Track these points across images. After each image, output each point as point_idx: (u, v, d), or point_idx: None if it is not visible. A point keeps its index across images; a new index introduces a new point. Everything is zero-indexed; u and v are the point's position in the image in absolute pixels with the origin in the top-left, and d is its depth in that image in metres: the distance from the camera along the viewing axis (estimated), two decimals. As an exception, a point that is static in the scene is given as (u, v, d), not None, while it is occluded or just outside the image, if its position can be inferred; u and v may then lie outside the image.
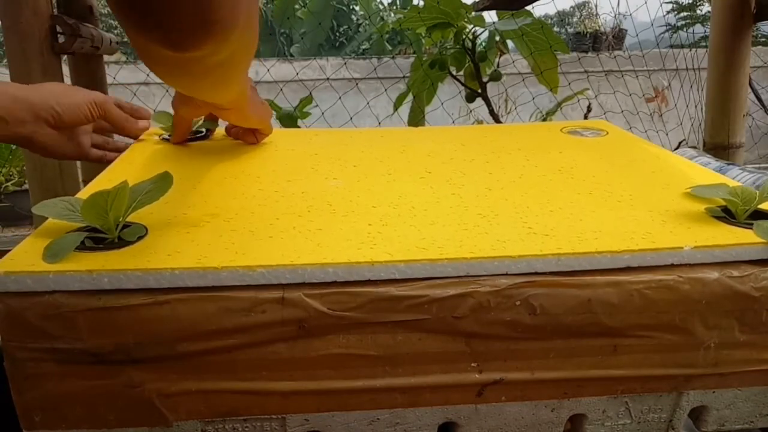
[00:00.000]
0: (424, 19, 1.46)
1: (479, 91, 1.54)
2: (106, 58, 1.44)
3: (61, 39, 1.03)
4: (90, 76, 1.37)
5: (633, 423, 0.52)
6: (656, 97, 4.33)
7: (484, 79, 1.53)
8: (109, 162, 0.71)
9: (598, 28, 5.03)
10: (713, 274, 0.49)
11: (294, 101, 1.75)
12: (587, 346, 0.49)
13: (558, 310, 0.47)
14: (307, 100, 1.66)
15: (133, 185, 0.52)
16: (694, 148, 1.24)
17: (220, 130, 0.85)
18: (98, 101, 0.78)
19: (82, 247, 0.46)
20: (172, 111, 0.79)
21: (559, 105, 1.79)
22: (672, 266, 0.49)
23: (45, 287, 0.43)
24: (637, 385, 0.51)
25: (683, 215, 0.55)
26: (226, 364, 0.46)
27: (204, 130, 0.83)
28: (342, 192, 0.61)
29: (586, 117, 2.06)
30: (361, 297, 0.45)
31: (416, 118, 1.64)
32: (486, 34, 1.55)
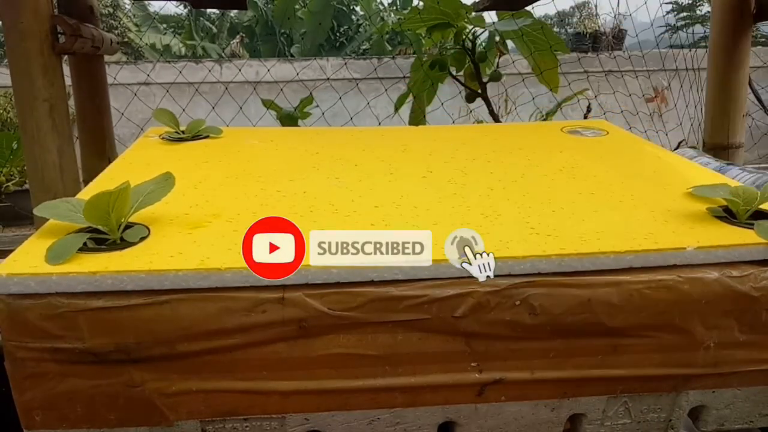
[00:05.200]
0: (424, 19, 1.46)
1: (479, 91, 1.54)
2: (106, 58, 1.44)
3: (62, 39, 1.03)
4: (90, 76, 1.37)
5: (633, 423, 0.52)
6: (656, 97, 4.32)
7: (484, 80, 1.53)
8: None
9: (597, 28, 5.02)
10: (713, 274, 0.49)
11: (294, 101, 1.74)
12: (587, 346, 0.49)
13: (558, 310, 0.47)
14: (308, 100, 1.66)
15: (135, 186, 0.52)
16: (694, 148, 1.24)
17: (221, 129, 0.85)
18: None
19: (84, 249, 0.46)
20: (172, 110, 0.79)
21: (559, 105, 1.78)
22: (672, 266, 0.49)
23: (47, 289, 0.43)
24: (637, 385, 0.51)
25: (685, 215, 0.56)
26: (227, 364, 0.46)
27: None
28: (344, 191, 0.61)
29: (586, 117, 2.06)
30: (361, 297, 0.46)
31: (417, 119, 1.64)
32: (486, 34, 1.55)
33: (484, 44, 1.55)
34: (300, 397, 0.47)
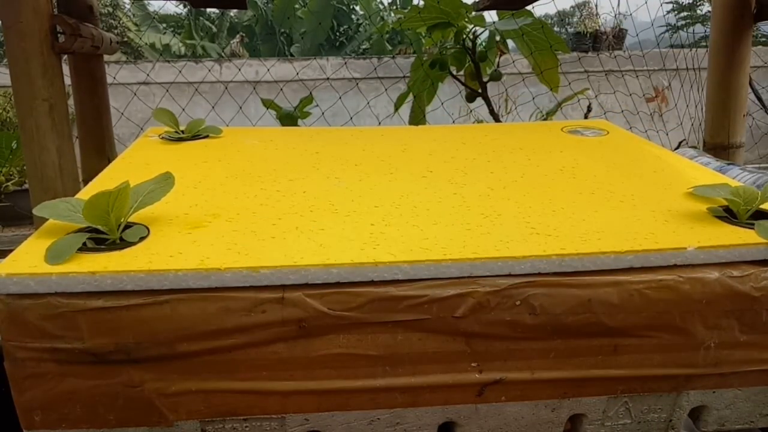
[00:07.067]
0: (425, 19, 1.46)
1: (479, 90, 1.54)
2: (106, 57, 1.44)
3: (62, 38, 1.03)
4: (90, 75, 1.37)
5: (633, 423, 0.52)
6: (656, 96, 4.33)
7: (485, 79, 1.53)
8: None
9: (598, 27, 5.02)
10: (713, 274, 0.49)
11: (294, 101, 1.74)
12: (587, 346, 0.49)
13: (558, 310, 0.47)
14: (308, 99, 1.66)
15: (134, 185, 0.52)
16: (695, 148, 1.24)
17: (221, 128, 0.85)
18: None
19: (83, 249, 0.46)
20: (172, 109, 0.79)
21: (559, 105, 1.78)
22: (672, 266, 0.49)
23: (47, 289, 0.43)
24: (637, 385, 0.51)
25: (685, 215, 0.55)
26: (226, 364, 0.46)
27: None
28: (344, 191, 0.61)
29: (586, 117, 2.06)
30: (361, 297, 0.45)
31: (417, 118, 1.64)
32: (486, 34, 1.55)
33: (484, 44, 1.55)
34: (300, 398, 0.47)
